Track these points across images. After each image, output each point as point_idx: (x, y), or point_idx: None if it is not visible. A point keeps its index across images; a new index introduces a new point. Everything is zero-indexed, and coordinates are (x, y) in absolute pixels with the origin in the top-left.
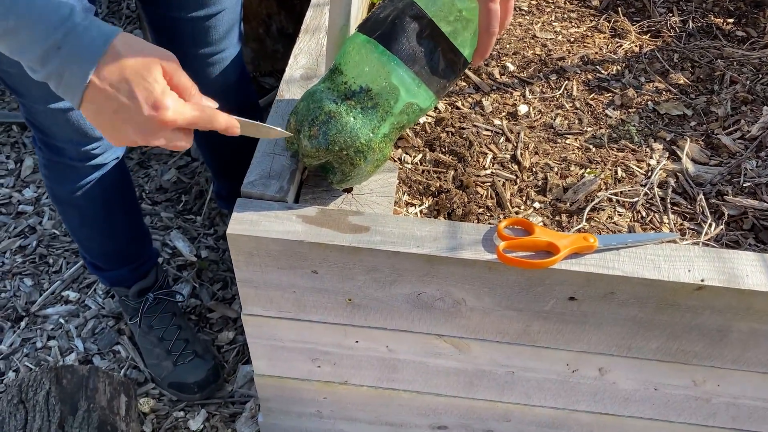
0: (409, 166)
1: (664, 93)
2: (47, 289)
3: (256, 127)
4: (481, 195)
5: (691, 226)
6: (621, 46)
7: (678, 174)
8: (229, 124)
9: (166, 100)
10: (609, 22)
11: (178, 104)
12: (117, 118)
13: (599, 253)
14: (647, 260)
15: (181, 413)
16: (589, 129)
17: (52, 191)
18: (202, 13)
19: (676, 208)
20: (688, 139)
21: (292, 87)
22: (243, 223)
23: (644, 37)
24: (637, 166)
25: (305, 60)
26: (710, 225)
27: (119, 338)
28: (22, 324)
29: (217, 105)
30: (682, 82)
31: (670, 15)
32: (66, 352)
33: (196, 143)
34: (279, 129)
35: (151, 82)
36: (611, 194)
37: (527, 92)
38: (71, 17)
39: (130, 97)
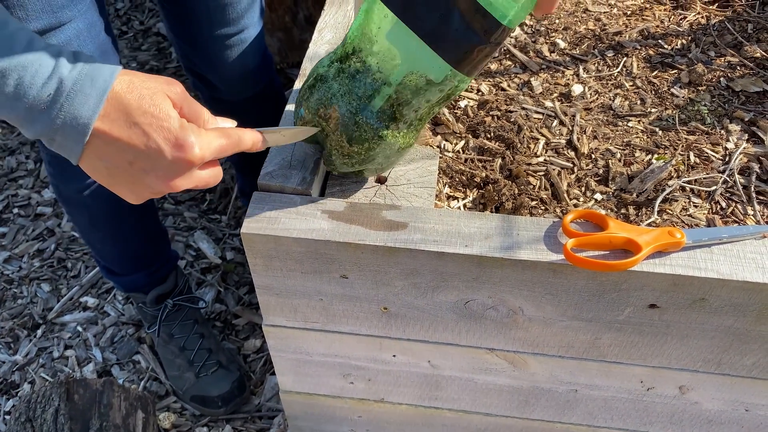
0: (450, 154)
1: (739, 68)
2: (65, 295)
3: (282, 134)
4: (534, 186)
5: None
6: (685, 18)
7: (762, 158)
8: (255, 139)
9: (188, 135)
10: None
11: (200, 137)
12: (135, 169)
13: (687, 250)
14: (748, 259)
15: (205, 429)
16: (653, 110)
17: (58, 190)
18: None
19: (762, 197)
20: None
21: (315, 64)
22: (260, 220)
23: (711, 7)
24: (713, 151)
25: (331, 35)
26: None
27: (139, 347)
28: (39, 332)
29: (235, 123)
30: (759, 55)
31: None
32: (84, 362)
33: None
34: (306, 127)
35: (165, 119)
36: (684, 182)
37: (581, 71)
38: (57, 70)
39: (147, 140)
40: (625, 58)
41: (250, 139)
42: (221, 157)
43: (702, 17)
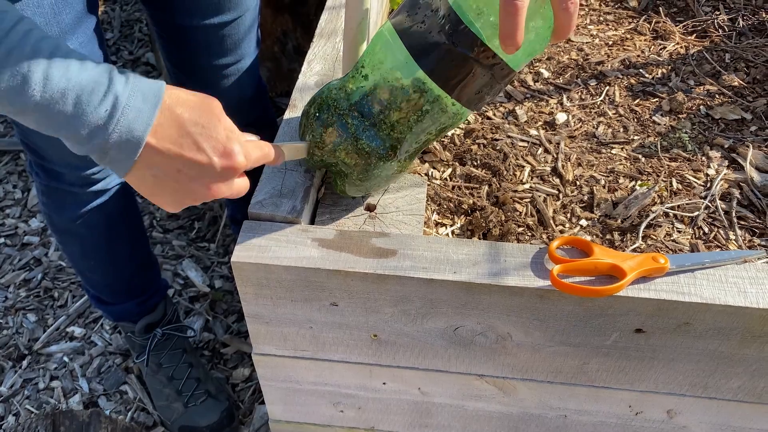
0: (438, 181)
1: (718, 96)
2: (51, 325)
3: (297, 147)
4: (520, 212)
5: (762, 243)
6: (665, 48)
7: (742, 184)
8: (277, 155)
9: (234, 144)
10: (649, 23)
11: (243, 146)
12: (181, 177)
13: (672, 276)
14: (730, 283)
15: None
16: (636, 137)
17: (51, 219)
18: (216, 21)
19: (743, 222)
20: (750, 146)
21: (305, 95)
22: (250, 249)
23: (690, 37)
24: (694, 177)
25: (320, 66)
26: None
27: (126, 377)
28: (24, 363)
29: (258, 137)
30: (736, 83)
31: (717, 13)
32: (70, 394)
33: None
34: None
35: (213, 129)
36: (668, 208)
37: (565, 99)
38: (111, 87)
39: (197, 149)
40: (607, 87)
41: (273, 154)
42: (257, 165)
43: (681, 47)
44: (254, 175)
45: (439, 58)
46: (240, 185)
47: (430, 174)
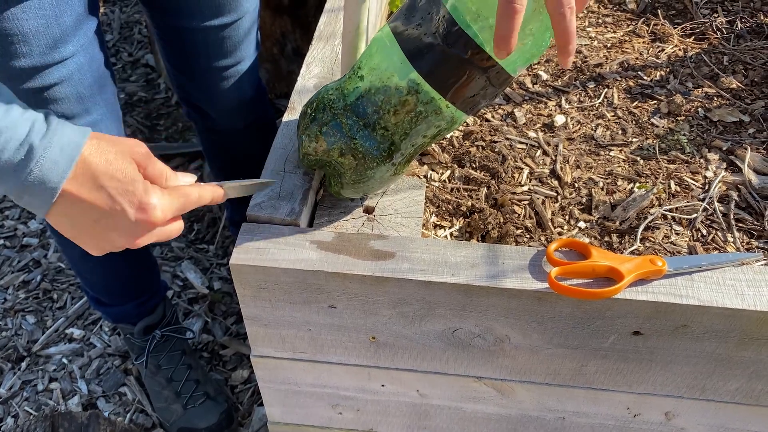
0: (437, 183)
1: (716, 99)
2: (50, 327)
3: (244, 187)
4: (519, 214)
5: (760, 245)
6: (663, 50)
7: (740, 187)
8: (215, 194)
9: (151, 198)
10: (648, 25)
11: (162, 199)
12: (99, 227)
13: (669, 278)
14: (727, 286)
15: None
16: (634, 140)
17: None
18: (216, 23)
19: (740, 224)
20: (748, 148)
21: (304, 98)
22: (248, 251)
23: (688, 40)
24: (692, 179)
25: (319, 69)
26: None
27: (125, 379)
28: (23, 365)
29: (195, 178)
30: (734, 86)
31: (715, 16)
32: (69, 395)
33: (208, 165)
34: (266, 180)
35: (130, 183)
36: (666, 210)
37: (563, 101)
38: (29, 137)
39: (112, 203)
40: (606, 90)
41: (210, 194)
42: (181, 213)
43: (679, 50)
44: (253, 177)
45: (433, 60)
46: (167, 231)
47: (428, 176)
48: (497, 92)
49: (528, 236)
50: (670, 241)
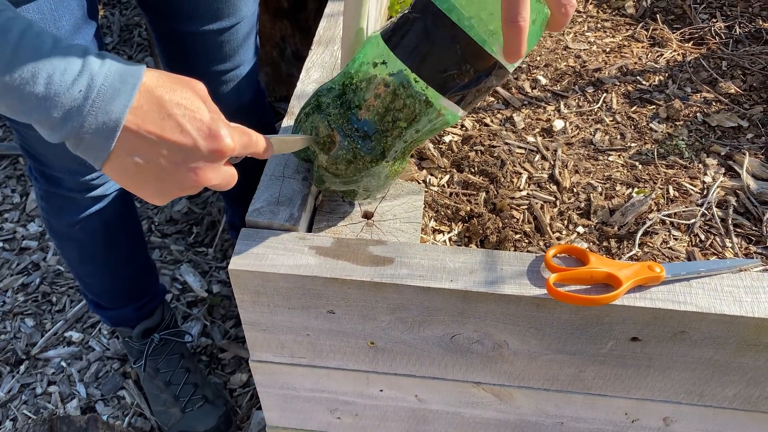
0: (436, 188)
1: (714, 104)
2: (49, 330)
3: (285, 140)
4: (517, 219)
5: (758, 250)
6: (662, 55)
7: (738, 192)
8: (267, 144)
9: (221, 126)
10: (647, 30)
11: (228, 128)
12: (166, 163)
13: (667, 284)
14: (725, 292)
15: None
16: (633, 144)
17: (50, 224)
18: (215, 27)
19: (739, 230)
20: (747, 153)
21: (303, 103)
22: (247, 257)
23: (687, 45)
24: (691, 184)
25: (318, 74)
26: None
27: (124, 382)
28: (22, 368)
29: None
30: (733, 91)
31: (714, 21)
32: (67, 399)
33: None
34: (303, 136)
35: (197, 111)
36: (664, 216)
37: (562, 106)
38: (86, 66)
39: (181, 132)
40: (604, 94)
41: (263, 141)
42: (244, 153)
43: (678, 54)
44: (252, 180)
45: (415, 44)
46: (229, 174)
47: (427, 181)
48: (489, 82)
49: (527, 241)
50: (668, 246)
